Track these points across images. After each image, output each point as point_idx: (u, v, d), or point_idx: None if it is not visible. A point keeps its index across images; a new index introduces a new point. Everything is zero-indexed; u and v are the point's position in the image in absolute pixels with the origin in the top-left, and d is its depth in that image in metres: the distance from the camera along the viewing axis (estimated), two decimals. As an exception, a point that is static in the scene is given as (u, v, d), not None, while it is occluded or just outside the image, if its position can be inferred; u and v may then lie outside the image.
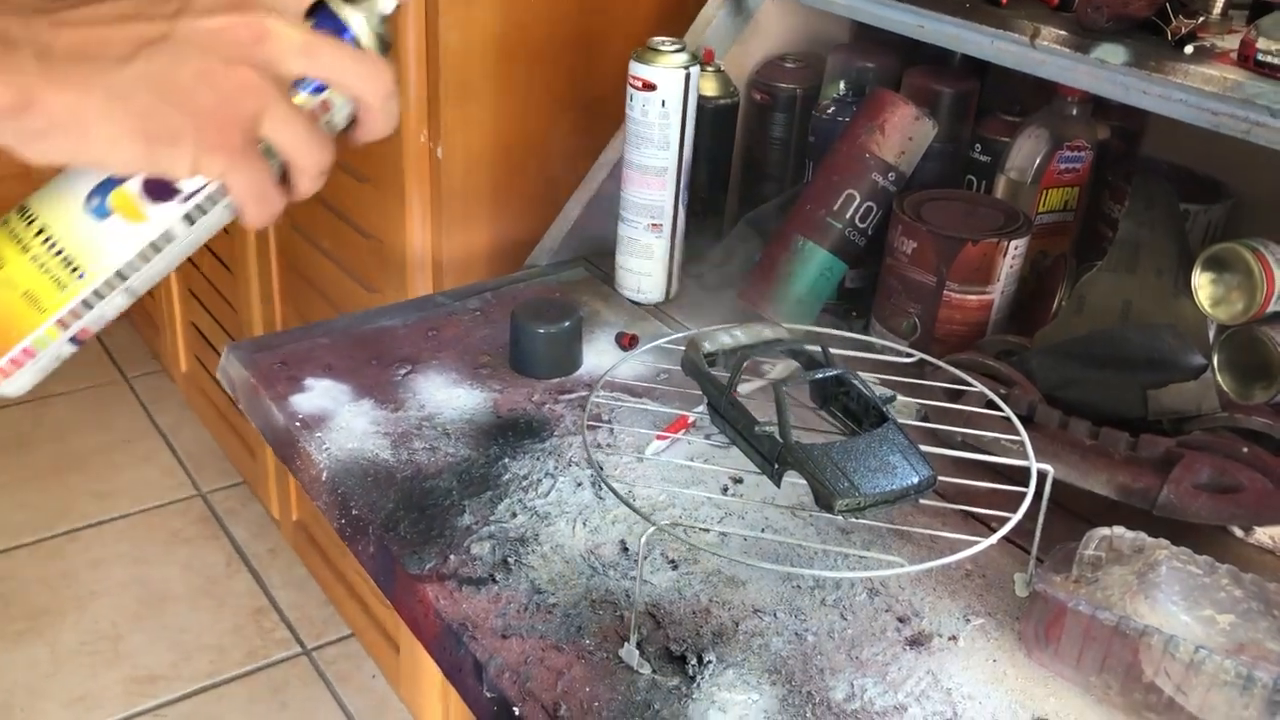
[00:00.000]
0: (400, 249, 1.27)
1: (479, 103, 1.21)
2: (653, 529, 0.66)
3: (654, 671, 0.69)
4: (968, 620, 0.75)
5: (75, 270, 0.49)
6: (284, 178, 0.50)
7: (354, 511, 0.83)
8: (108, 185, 0.48)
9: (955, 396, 0.87)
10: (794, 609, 0.75)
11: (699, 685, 0.69)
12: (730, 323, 0.84)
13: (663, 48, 1.02)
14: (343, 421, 0.92)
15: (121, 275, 0.50)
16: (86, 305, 0.50)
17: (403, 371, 0.99)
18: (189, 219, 0.50)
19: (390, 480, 0.85)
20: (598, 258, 1.18)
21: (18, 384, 0.52)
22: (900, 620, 0.75)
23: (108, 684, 1.79)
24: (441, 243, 1.25)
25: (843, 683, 0.70)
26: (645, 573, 0.77)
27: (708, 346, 0.78)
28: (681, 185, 1.07)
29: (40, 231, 0.49)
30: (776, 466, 0.70)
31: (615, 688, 0.68)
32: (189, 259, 0.56)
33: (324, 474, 0.87)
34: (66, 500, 2.15)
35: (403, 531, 0.80)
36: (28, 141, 0.44)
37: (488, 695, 0.69)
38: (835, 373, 0.74)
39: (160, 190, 0.48)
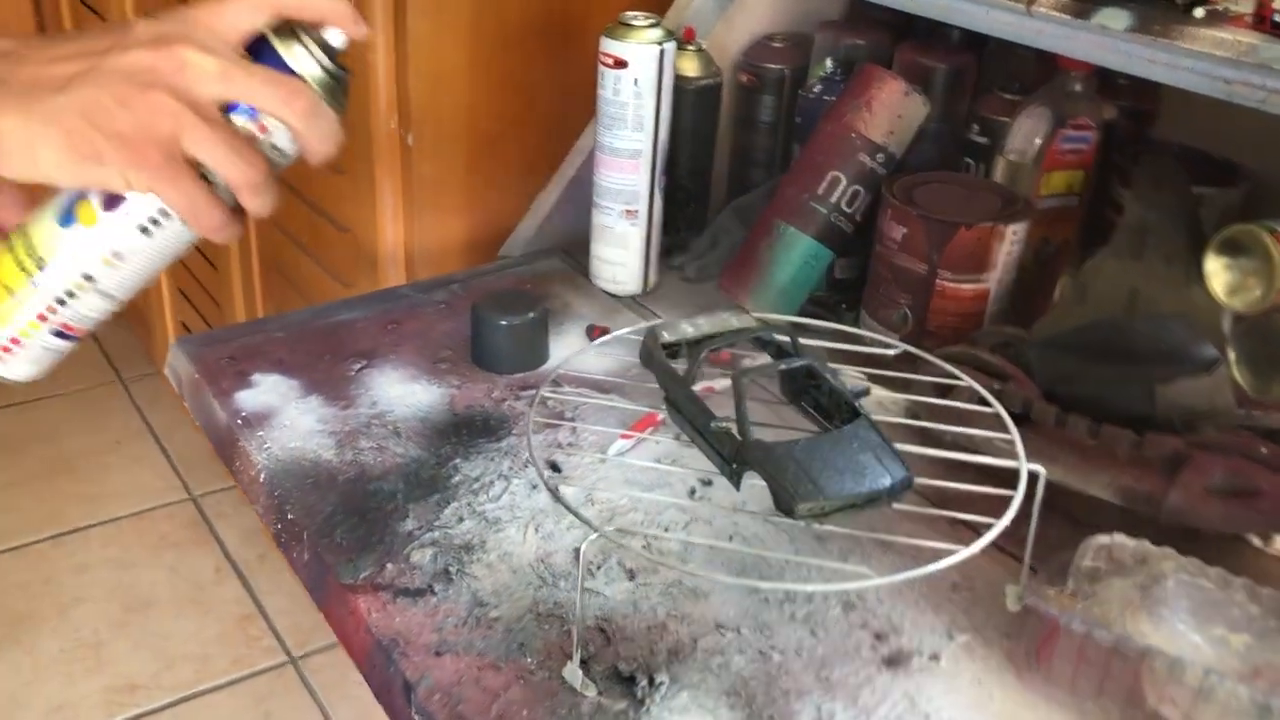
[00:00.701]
0: (372, 241, 1.21)
1: (450, 88, 1.15)
2: (594, 536, 0.60)
3: (599, 693, 0.63)
4: (952, 637, 0.68)
5: (46, 271, 0.56)
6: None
7: (289, 516, 0.77)
8: (77, 198, 0.55)
9: (945, 392, 0.80)
10: (760, 624, 0.68)
11: (648, 709, 0.62)
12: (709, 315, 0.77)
13: (635, 22, 0.96)
14: (287, 419, 0.86)
15: (88, 278, 0.56)
16: (60, 303, 0.56)
17: (357, 366, 0.93)
18: (144, 231, 0.55)
19: (331, 482, 0.79)
20: (575, 249, 1.12)
21: (15, 370, 0.59)
22: (877, 637, 0.68)
23: (88, 692, 1.73)
24: (414, 234, 1.19)
25: (809, 706, 0.63)
26: (599, 584, 0.71)
27: (667, 336, 0.71)
28: (658, 170, 1.01)
29: (25, 237, 0.56)
30: (734, 466, 0.63)
31: (555, 711, 0.62)
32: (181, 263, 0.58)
33: (262, 475, 0.80)
34: (55, 504, 2.10)
35: (339, 538, 0.74)
36: None
37: (415, 718, 0.63)
38: (802, 363, 0.67)
39: (114, 203, 0.55)
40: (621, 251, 1.03)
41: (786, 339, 0.71)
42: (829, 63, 1.03)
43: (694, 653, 0.66)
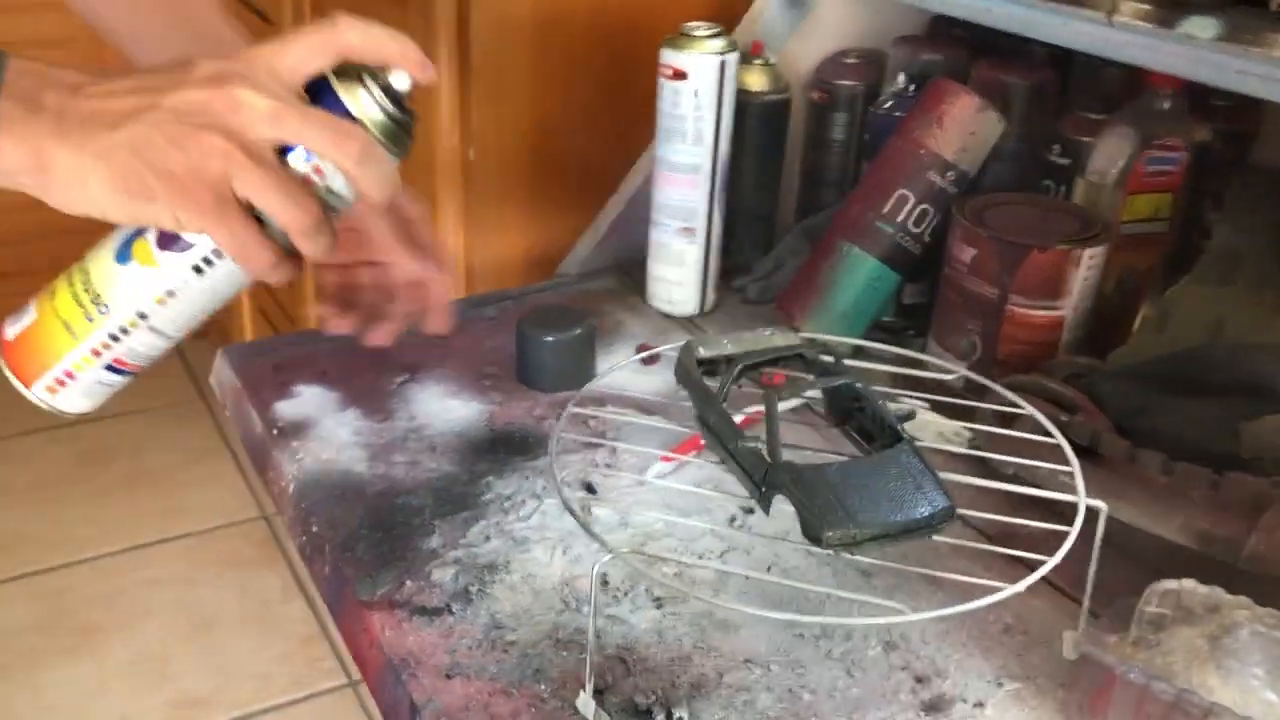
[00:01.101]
0: (433, 258, 1.19)
1: (513, 103, 1.13)
2: (609, 557, 0.56)
3: (612, 727, 0.59)
4: (1000, 685, 0.63)
5: (101, 307, 0.56)
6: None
7: (314, 528, 0.74)
8: (134, 236, 0.56)
9: (1009, 422, 0.75)
10: (792, 661, 0.64)
11: (663, 746, 0.58)
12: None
13: (696, 32, 0.93)
14: (323, 431, 0.84)
15: (142, 315, 0.56)
16: (113, 339, 0.57)
17: (399, 380, 0.90)
18: (197, 270, 0.55)
19: (359, 496, 0.77)
20: (633, 268, 1.08)
21: (70, 403, 0.59)
22: (918, 680, 0.63)
23: (150, 706, 1.74)
24: (473, 250, 1.17)
25: (838, 753, 0.58)
26: (624, 611, 0.67)
27: (704, 352, 0.68)
28: (717, 186, 0.97)
29: (83, 272, 0.57)
30: (764, 489, 0.59)
31: (564, 743, 0.58)
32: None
33: (291, 486, 0.78)
34: (132, 517, 2.13)
35: (360, 552, 0.72)
36: (48, 193, 0.51)
37: (418, 744, 0.60)
38: (839, 382, 0.63)
39: (169, 242, 0.55)
40: (678, 270, 0.99)
41: (830, 359, 0.66)
42: (902, 78, 0.99)
43: (718, 688, 0.62)
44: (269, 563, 2.04)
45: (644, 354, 0.83)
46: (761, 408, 0.72)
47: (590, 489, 0.78)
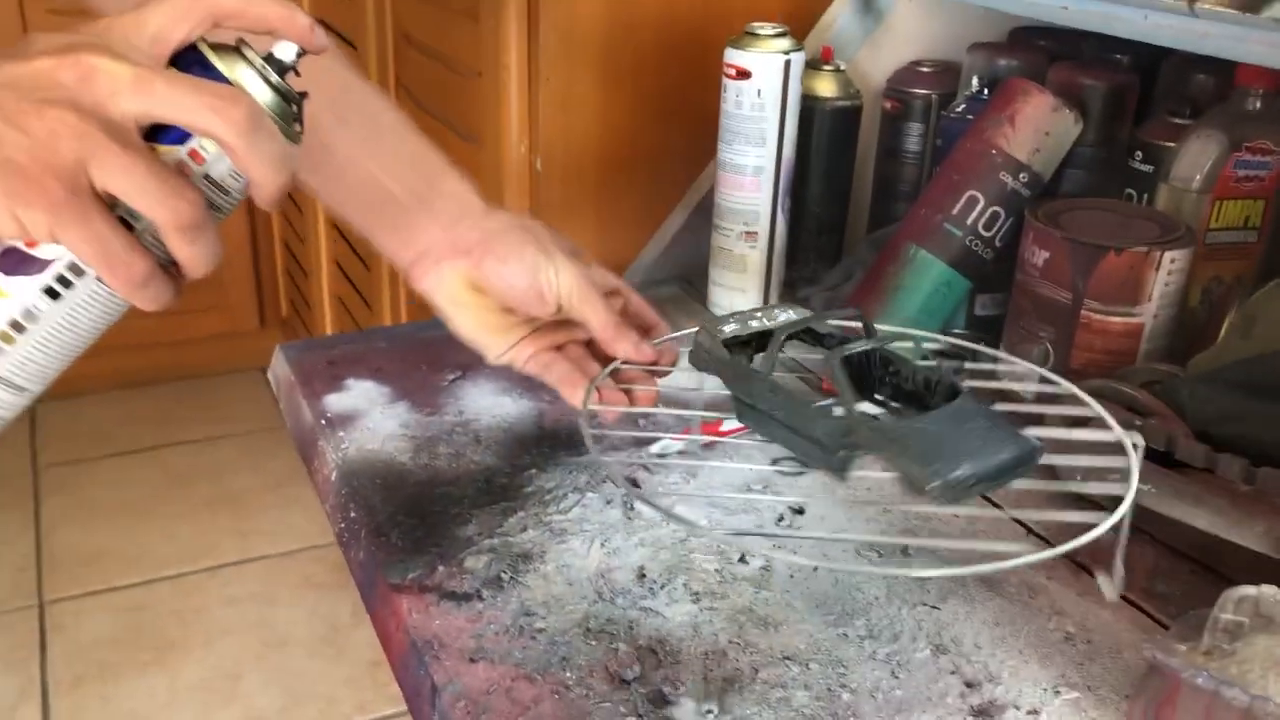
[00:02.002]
0: (499, 269, 1.19)
1: (580, 113, 1.12)
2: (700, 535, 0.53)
3: (638, 715, 0.56)
4: (1058, 693, 0.58)
5: None
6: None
7: (352, 514, 0.73)
8: None
9: (1082, 424, 0.71)
10: (834, 659, 0.60)
11: (689, 738, 0.55)
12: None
13: (760, 31, 0.91)
14: (370, 423, 0.83)
15: None
16: None
17: (451, 377, 0.89)
18: (51, 293, 0.44)
19: (400, 484, 0.75)
20: (696, 277, 1.06)
21: None
22: (968, 685, 0.59)
23: (218, 723, 1.75)
24: (539, 261, 1.16)
25: (876, 754, 0.54)
26: (659, 604, 0.64)
27: (728, 330, 0.65)
28: (781, 189, 0.95)
29: None
30: (842, 452, 0.55)
31: (586, 731, 0.55)
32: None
33: (334, 474, 0.77)
34: (212, 537, 2.16)
35: (395, 539, 0.70)
36: None
37: (436, 726, 0.57)
38: (867, 347, 0.60)
39: (11, 260, 0.43)
40: (740, 276, 0.97)
41: (857, 324, 0.63)
42: (975, 81, 0.96)
43: (752, 683, 0.58)
44: (341, 587, 2.05)
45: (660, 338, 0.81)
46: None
47: (635, 484, 0.76)
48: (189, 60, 0.44)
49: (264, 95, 0.45)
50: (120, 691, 1.80)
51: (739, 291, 0.97)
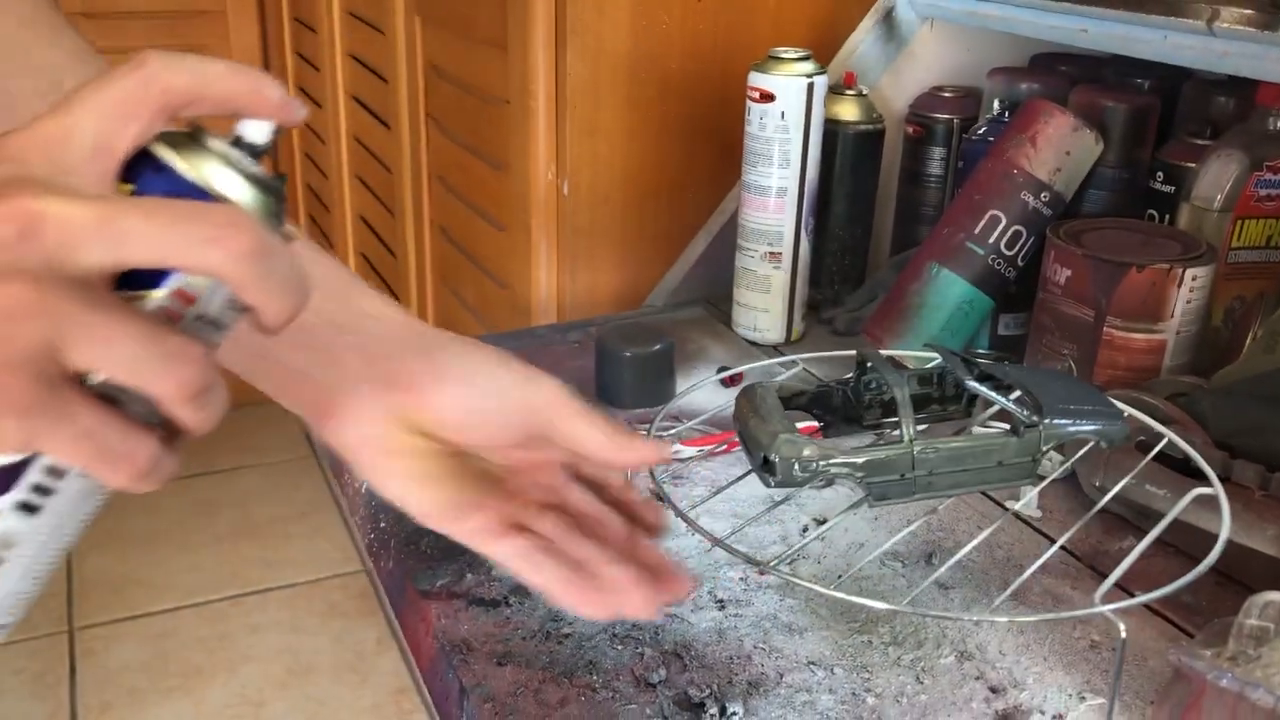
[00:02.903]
0: (526, 293, 1.21)
1: (607, 138, 1.14)
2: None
3: (663, 716, 0.56)
4: (1083, 699, 0.58)
5: None
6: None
7: (381, 524, 0.74)
8: None
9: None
10: (858, 665, 0.60)
11: (715, 739, 0.55)
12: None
13: (784, 55, 0.92)
14: (400, 437, 0.84)
15: None
16: None
17: (479, 394, 0.90)
18: (27, 508, 0.35)
19: (429, 496, 0.76)
20: (720, 300, 1.07)
21: None
22: (992, 690, 0.59)
23: (242, 750, 1.76)
24: (566, 284, 1.18)
25: (901, 756, 0.54)
26: (684, 610, 0.65)
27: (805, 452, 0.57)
28: (805, 210, 0.96)
29: None
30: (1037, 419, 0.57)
31: (612, 732, 0.56)
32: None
33: (364, 485, 0.78)
34: (237, 565, 2.17)
35: (424, 547, 0.71)
36: None
37: (464, 727, 0.58)
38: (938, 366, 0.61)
39: None
40: (763, 297, 0.98)
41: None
42: (996, 104, 0.97)
43: (777, 687, 0.59)
44: (366, 614, 2.05)
45: (725, 373, 0.82)
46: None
47: (659, 498, 0.76)
48: (141, 169, 0.34)
49: (245, 196, 0.35)
50: (147, 716, 1.81)
51: (763, 312, 0.98)
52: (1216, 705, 0.52)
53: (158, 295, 0.34)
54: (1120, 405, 0.66)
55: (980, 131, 0.97)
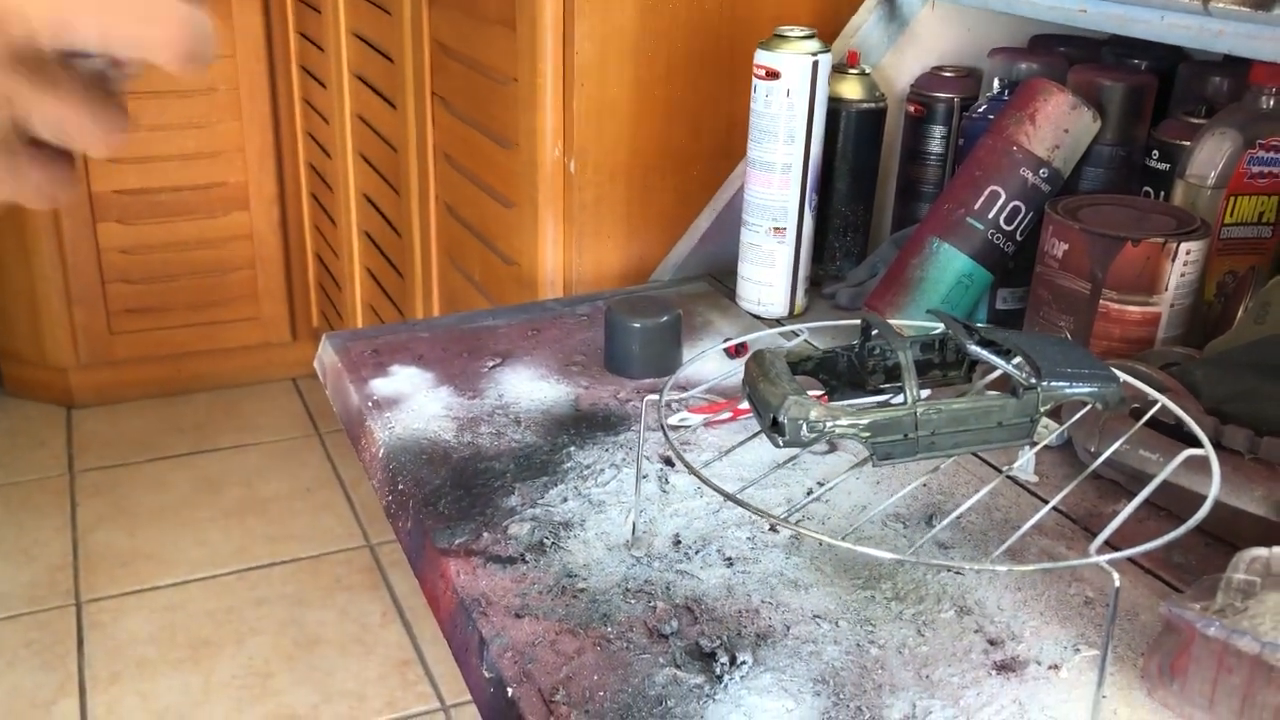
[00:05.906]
0: (533, 269, 1.23)
1: (614, 116, 1.16)
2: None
3: (676, 665, 0.59)
4: (1077, 650, 0.61)
5: None
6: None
7: (400, 487, 0.77)
8: None
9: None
10: (862, 619, 0.63)
11: (725, 686, 0.58)
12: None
13: (789, 33, 0.94)
14: (415, 405, 0.86)
15: None
16: None
17: (491, 364, 0.93)
18: None
19: (445, 460, 0.79)
20: (724, 275, 1.10)
21: None
22: (991, 643, 0.61)
23: (251, 718, 1.78)
24: (572, 261, 1.20)
25: (903, 701, 0.57)
26: (694, 567, 0.67)
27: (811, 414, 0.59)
28: (809, 186, 0.98)
29: None
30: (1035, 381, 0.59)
31: (627, 679, 0.58)
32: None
33: (381, 450, 0.81)
34: (244, 541, 2.20)
35: (442, 508, 0.73)
36: None
37: (485, 675, 0.61)
38: (939, 332, 0.63)
39: None
40: (768, 271, 1.00)
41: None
42: (996, 83, 0.99)
43: (785, 638, 0.61)
44: (370, 589, 2.08)
45: (730, 343, 0.84)
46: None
47: (669, 462, 0.79)
48: None
49: None
50: (156, 688, 1.83)
51: (766, 286, 1.01)
52: (1204, 653, 0.54)
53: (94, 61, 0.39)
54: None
55: (980, 110, 0.99)
